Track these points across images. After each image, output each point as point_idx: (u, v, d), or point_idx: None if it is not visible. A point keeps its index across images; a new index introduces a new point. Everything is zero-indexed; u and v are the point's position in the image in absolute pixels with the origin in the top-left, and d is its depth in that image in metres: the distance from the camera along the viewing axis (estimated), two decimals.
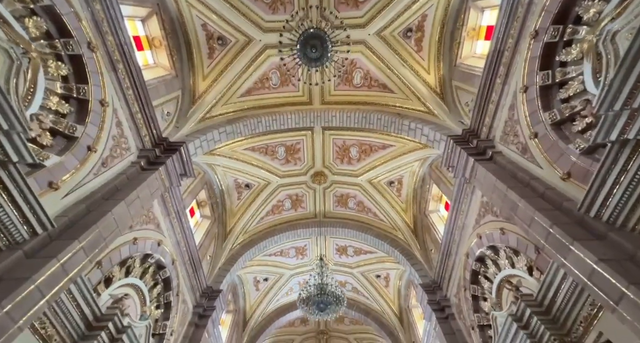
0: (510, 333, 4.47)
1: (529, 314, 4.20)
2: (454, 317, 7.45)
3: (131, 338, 4.49)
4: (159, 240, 6.05)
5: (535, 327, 4.15)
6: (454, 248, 7.23)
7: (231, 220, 10.29)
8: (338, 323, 15.49)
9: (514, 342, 4.45)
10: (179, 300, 6.91)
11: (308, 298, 5.92)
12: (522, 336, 4.28)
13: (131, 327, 4.47)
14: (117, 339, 4.31)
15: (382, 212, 10.63)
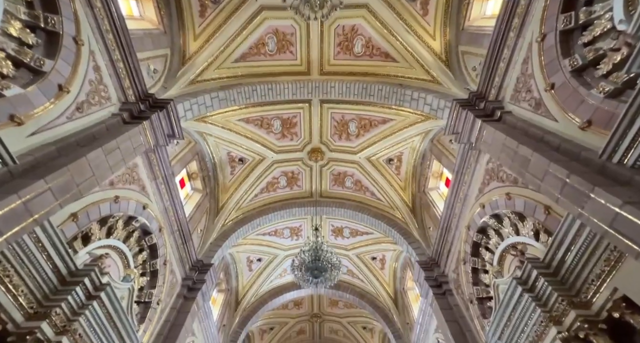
0: (514, 298, 4.22)
1: (535, 276, 3.95)
2: (451, 293, 7.25)
3: (111, 297, 4.17)
4: (144, 204, 5.70)
5: (542, 289, 3.90)
6: (454, 222, 6.98)
7: (224, 195, 9.95)
8: (332, 307, 15.40)
9: (517, 307, 4.21)
10: (167, 270, 6.60)
11: (302, 264, 5.65)
12: (527, 299, 4.04)
13: (111, 286, 4.15)
14: (95, 297, 3.99)
15: (380, 190, 10.35)
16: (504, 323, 4.52)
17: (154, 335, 6.08)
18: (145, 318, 5.80)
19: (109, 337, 4.26)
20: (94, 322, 3.99)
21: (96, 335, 4.07)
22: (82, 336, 3.89)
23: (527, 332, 4.15)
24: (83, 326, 3.86)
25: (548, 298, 3.85)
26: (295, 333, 16.03)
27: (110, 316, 4.25)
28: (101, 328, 4.12)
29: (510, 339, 4.46)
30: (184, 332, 6.61)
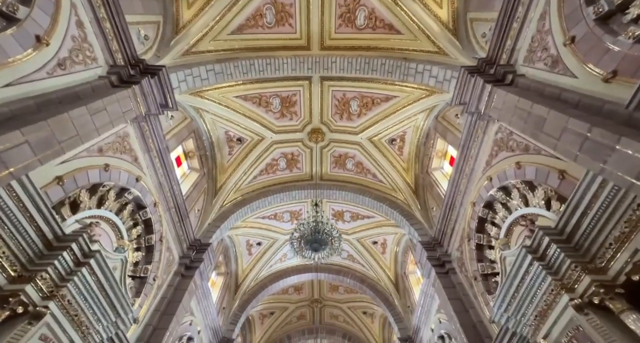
0: (523, 267, 4.03)
1: (547, 243, 3.74)
2: (454, 272, 7.09)
3: (101, 265, 3.99)
4: (137, 176, 5.48)
5: (553, 256, 3.69)
6: (459, 200, 6.76)
7: (222, 176, 9.73)
8: (332, 292, 15.38)
9: (526, 277, 4.02)
10: (163, 247, 6.44)
11: (301, 237, 5.46)
12: (537, 268, 3.83)
13: (101, 253, 3.96)
14: (84, 263, 3.81)
15: (382, 172, 10.11)
16: (510, 295, 4.34)
17: (150, 311, 5.95)
18: (141, 293, 5.66)
19: (101, 306, 4.11)
20: (83, 289, 3.83)
21: (87, 303, 3.91)
22: (72, 303, 3.73)
23: (536, 302, 3.96)
24: (72, 293, 3.70)
25: (560, 265, 3.64)
26: (295, 319, 16.07)
27: (102, 285, 4.09)
28: (92, 297, 3.96)
29: (517, 311, 4.29)
30: (181, 309, 6.49)
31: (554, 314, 3.73)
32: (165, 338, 5.78)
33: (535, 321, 4.05)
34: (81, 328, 3.90)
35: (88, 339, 4.05)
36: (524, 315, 4.21)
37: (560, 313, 3.63)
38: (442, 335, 7.87)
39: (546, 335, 3.89)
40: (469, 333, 5.80)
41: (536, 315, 4.03)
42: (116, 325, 4.47)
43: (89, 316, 3.97)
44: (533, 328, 4.11)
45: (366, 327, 15.08)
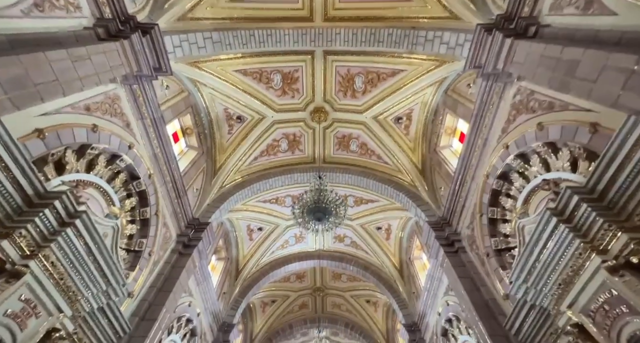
0: (546, 232, 3.68)
1: (576, 203, 3.38)
2: (464, 250, 6.77)
3: (88, 227, 3.69)
4: (130, 143, 5.17)
5: (583, 216, 3.34)
6: (470, 174, 6.40)
7: (221, 156, 9.41)
8: (335, 280, 15.14)
9: (549, 242, 3.68)
10: (159, 222, 6.15)
11: (303, 207, 5.13)
12: (563, 231, 3.49)
13: (87, 214, 3.66)
14: (69, 224, 3.50)
15: (387, 153, 9.75)
16: (530, 264, 4.01)
17: (145, 286, 5.69)
18: (136, 267, 5.39)
19: (90, 273, 3.82)
20: (69, 251, 3.53)
21: (73, 267, 3.62)
22: (57, 266, 3.44)
23: (560, 268, 3.63)
24: (56, 254, 3.40)
25: (590, 226, 3.30)
26: (297, 307, 15.86)
27: (90, 250, 3.79)
28: (79, 261, 3.67)
29: (538, 281, 3.96)
30: (179, 286, 6.22)
31: (581, 280, 3.40)
32: (162, 314, 5.52)
33: (559, 290, 3.72)
34: (68, 293, 3.61)
35: (76, 307, 3.78)
36: (545, 285, 3.88)
37: (589, 278, 3.29)
38: (449, 318, 7.58)
39: (571, 303, 3.56)
40: (481, 311, 5.49)
41: (560, 283, 3.70)
42: (107, 295, 4.19)
43: (77, 282, 3.69)
44: (556, 298, 3.79)
45: (369, 315, 14.86)
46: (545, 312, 4.10)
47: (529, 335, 4.47)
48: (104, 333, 4.37)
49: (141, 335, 5.02)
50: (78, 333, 3.98)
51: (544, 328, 4.20)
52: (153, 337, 5.22)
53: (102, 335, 4.33)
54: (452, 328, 7.59)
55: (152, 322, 5.29)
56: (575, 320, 3.51)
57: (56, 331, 3.51)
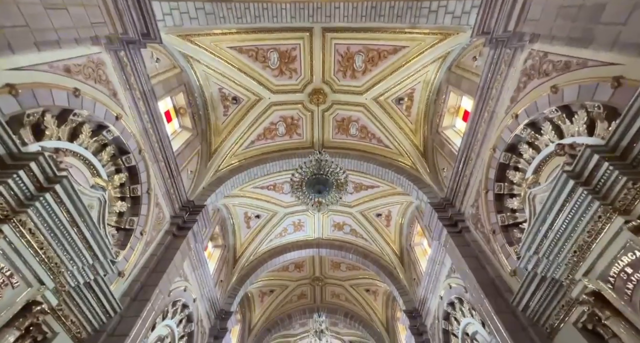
0: (562, 197, 3.46)
1: (597, 162, 3.15)
2: (468, 230, 6.57)
3: (71, 195, 3.41)
4: (117, 113, 4.86)
5: (604, 176, 3.11)
6: (475, 150, 6.17)
7: (217, 138, 9.12)
8: (334, 270, 14.98)
9: (564, 208, 3.45)
10: (151, 201, 5.87)
11: (302, 180, 4.86)
12: (581, 194, 3.26)
13: (69, 180, 3.37)
14: (48, 189, 3.22)
15: (388, 136, 9.50)
16: (542, 234, 3.80)
17: (138, 267, 5.43)
18: (127, 246, 5.12)
19: (74, 244, 3.55)
20: (49, 219, 3.26)
21: (55, 237, 3.35)
22: (35, 234, 3.17)
23: (576, 235, 3.42)
24: (34, 221, 3.13)
25: (612, 186, 3.07)
26: (296, 297, 15.71)
27: (73, 219, 3.52)
28: (61, 231, 3.40)
29: (550, 251, 3.75)
30: (173, 267, 5.97)
31: (600, 244, 3.19)
32: (155, 295, 5.27)
33: (574, 258, 3.51)
34: (49, 265, 3.35)
35: (59, 280, 3.52)
36: (558, 254, 3.67)
37: (609, 241, 3.08)
38: (452, 300, 7.42)
39: (588, 271, 3.36)
40: (487, 289, 5.30)
41: (575, 251, 3.49)
42: (94, 270, 3.93)
43: (59, 253, 3.42)
44: (570, 267, 3.58)
45: (369, 305, 14.74)
46: (556, 283, 3.91)
47: (538, 309, 4.29)
48: (92, 311, 4.12)
49: (133, 315, 4.77)
50: (63, 309, 3.73)
51: (555, 301, 4.01)
52: (146, 318, 4.98)
53: (90, 313, 4.09)
54: (454, 311, 7.44)
55: (144, 302, 5.05)
56: (591, 288, 3.31)
57: (37, 304, 3.25)
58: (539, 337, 4.27)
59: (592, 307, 3.35)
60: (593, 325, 3.51)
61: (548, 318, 4.15)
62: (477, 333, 6.34)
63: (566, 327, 3.90)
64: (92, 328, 4.22)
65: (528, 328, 4.42)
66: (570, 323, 3.80)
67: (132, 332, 4.58)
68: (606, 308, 3.22)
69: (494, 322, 4.84)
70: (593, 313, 3.41)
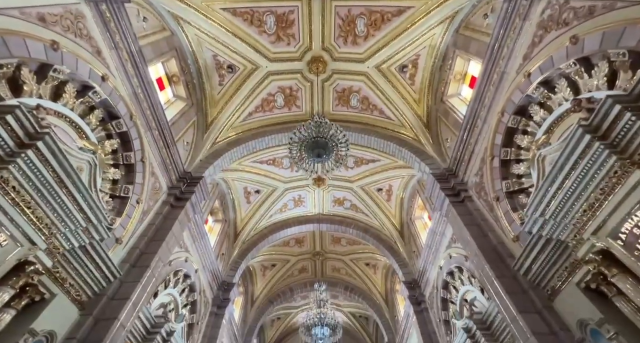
0: (575, 154, 3.26)
1: (618, 113, 2.92)
2: (470, 199, 6.45)
3: (56, 154, 3.23)
4: (103, 74, 4.56)
5: (624, 129, 2.91)
6: (482, 116, 5.91)
7: (213, 109, 8.80)
8: (334, 244, 15.15)
9: (579, 164, 3.27)
10: (146, 170, 5.71)
11: (301, 142, 4.67)
12: (597, 150, 3.07)
13: (52, 136, 3.17)
14: (29, 145, 3.02)
15: (390, 106, 9.16)
16: (551, 194, 3.65)
17: (135, 235, 5.37)
18: (123, 214, 5.03)
19: (64, 206, 3.43)
20: (34, 178, 3.10)
21: (42, 197, 3.22)
22: (20, 192, 3.03)
23: (588, 192, 3.27)
24: (18, 179, 2.97)
25: (632, 138, 2.87)
26: (297, 271, 16.04)
27: (61, 179, 3.36)
28: (49, 191, 3.25)
29: (558, 212, 3.62)
30: (171, 237, 5.93)
31: (613, 201, 3.05)
32: (154, 262, 5.26)
33: (583, 217, 3.39)
34: (39, 225, 3.24)
35: (52, 241, 3.42)
36: (567, 215, 3.54)
37: (624, 196, 2.94)
38: (451, 270, 7.48)
39: (597, 229, 3.24)
40: (488, 255, 5.26)
41: (585, 210, 3.36)
42: (89, 234, 3.84)
43: (49, 214, 3.30)
44: (578, 227, 3.47)
45: (369, 278, 15.06)
46: (562, 245, 3.82)
47: (540, 272, 4.24)
48: (91, 274, 4.08)
49: (133, 281, 4.77)
50: (60, 271, 3.68)
51: (559, 263, 3.94)
52: (146, 284, 4.99)
53: (88, 276, 4.05)
54: (453, 280, 7.52)
55: (144, 269, 5.03)
56: (599, 247, 3.21)
57: (30, 264, 3.17)
58: (539, 298, 4.26)
59: (599, 265, 3.27)
60: (597, 285, 3.46)
61: (550, 280, 4.11)
62: (475, 299, 6.42)
63: (568, 288, 3.86)
64: (92, 292, 4.21)
65: (529, 290, 4.40)
66: (573, 284, 3.75)
67: (133, 296, 4.59)
68: (613, 266, 3.14)
69: (494, 286, 4.83)
70: (598, 272, 3.34)
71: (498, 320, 5.39)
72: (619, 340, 3.08)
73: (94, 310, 4.14)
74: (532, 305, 4.30)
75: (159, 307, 6.32)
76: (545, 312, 4.11)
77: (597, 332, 3.44)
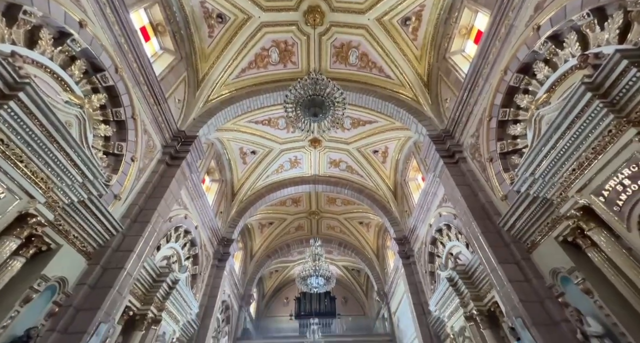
0: (573, 112, 3.24)
1: (624, 68, 2.83)
2: (465, 161, 6.55)
3: (39, 105, 3.10)
4: (80, 19, 4.18)
5: (626, 87, 2.85)
6: (485, 74, 5.70)
7: (204, 64, 8.32)
8: (330, 204, 15.64)
9: (574, 124, 3.26)
10: (138, 127, 5.58)
11: (297, 101, 4.55)
12: (596, 108, 3.04)
13: (32, 87, 3.01)
14: (10, 96, 2.89)
15: (390, 64, 8.73)
16: (543, 154, 3.70)
17: (134, 192, 5.46)
18: (119, 171, 5.04)
19: (56, 160, 3.41)
20: (21, 131, 3.02)
21: (33, 151, 3.18)
22: (9, 145, 2.99)
23: (580, 152, 3.32)
24: (4, 131, 2.90)
25: (633, 96, 2.83)
26: (294, 229, 16.79)
27: (49, 133, 3.29)
28: (38, 144, 3.20)
29: (548, 170, 3.71)
30: (169, 195, 6.05)
31: (602, 160, 3.12)
32: (154, 217, 5.43)
33: (571, 176, 3.49)
34: (35, 179, 3.25)
35: (50, 195, 3.47)
36: (556, 173, 3.64)
37: (614, 155, 3.00)
38: (440, 227, 7.88)
39: (582, 187, 3.36)
40: (476, 213, 5.52)
41: (574, 169, 3.44)
42: (86, 189, 3.88)
43: (42, 168, 3.29)
44: (565, 186, 3.59)
45: (362, 235, 15.88)
46: (546, 202, 4.00)
47: (523, 228, 4.50)
48: (93, 228, 4.23)
49: (135, 235, 4.98)
50: (62, 224, 3.80)
51: (541, 220, 4.16)
52: (148, 238, 5.22)
53: (91, 229, 4.20)
54: (441, 236, 7.98)
55: (145, 224, 5.22)
56: (582, 203, 3.36)
57: (32, 217, 3.26)
58: (519, 251, 4.58)
59: (578, 220, 3.46)
60: (573, 238, 3.70)
61: (531, 235, 4.38)
62: (460, 253, 6.89)
63: (546, 241, 4.13)
64: (96, 244, 4.41)
65: (510, 244, 4.72)
66: (552, 238, 4.01)
67: (137, 248, 4.83)
68: (592, 220, 3.33)
69: (479, 240, 5.15)
70: (577, 227, 3.55)
71: (479, 271, 5.86)
72: (585, 285, 3.41)
73: (100, 260, 4.38)
74: (512, 257, 4.65)
75: (163, 259, 6.70)
76: (523, 262, 4.46)
77: (566, 279, 3.78)
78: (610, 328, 3.17)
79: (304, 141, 11.86)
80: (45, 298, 3.59)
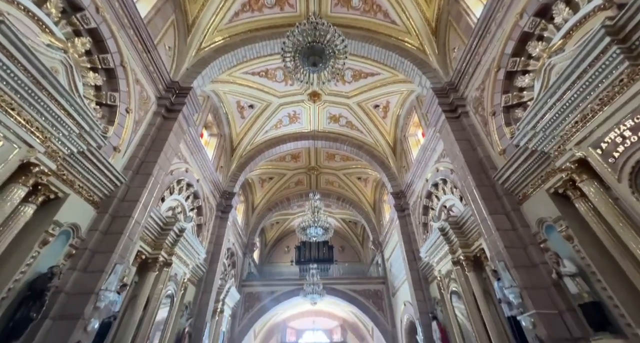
0: (586, 61, 3.07)
1: None
2: (467, 115, 6.42)
3: (17, 45, 2.90)
4: None
5: None
6: (499, 18, 5.25)
7: (192, 6, 7.59)
8: (329, 160, 15.78)
9: (587, 72, 3.12)
10: (129, 76, 5.31)
11: (295, 48, 4.28)
12: (611, 55, 2.87)
13: (8, 26, 2.79)
14: None
15: (396, 6, 7.98)
16: (548, 106, 3.62)
17: (132, 145, 5.46)
18: (114, 122, 4.95)
19: (49, 109, 3.32)
20: (6, 76, 2.88)
21: (23, 98, 3.07)
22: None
23: (585, 104, 3.24)
24: None
25: None
26: (293, 184, 17.21)
27: (36, 80, 3.14)
28: (27, 91, 3.09)
29: (550, 123, 3.67)
30: (169, 147, 6.05)
31: (607, 111, 3.06)
32: (156, 170, 5.52)
33: (573, 129, 3.46)
34: (30, 128, 3.21)
35: (49, 145, 3.47)
36: (558, 126, 3.61)
37: (620, 106, 2.93)
38: (436, 182, 8.08)
39: (581, 140, 3.36)
40: (473, 167, 5.61)
41: (576, 122, 3.40)
42: (84, 140, 3.87)
43: (36, 116, 3.22)
44: (565, 139, 3.59)
45: (359, 190, 16.36)
46: (544, 156, 4.04)
47: (517, 181, 4.63)
48: (96, 178, 4.32)
49: (138, 186, 5.12)
50: (66, 174, 3.87)
51: (536, 173, 4.26)
52: (152, 189, 5.37)
53: (94, 179, 4.30)
54: (437, 190, 8.23)
55: (147, 176, 5.32)
56: (578, 156, 3.40)
57: (35, 166, 3.30)
58: (510, 203, 4.78)
59: (572, 173, 3.54)
60: (564, 190, 3.83)
61: (524, 187, 4.52)
62: (453, 205, 7.19)
63: (538, 193, 4.29)
64: (102, 194, 4.56)
65: (502, 197, 4.90)
66: (544, 190, 4.15)
67: (142, 199, 5.02)
68: (585, 172, 3.40)
69: (473, 193, 5.34)
70: (569, 179, 3.65)
71: (470, 221, 6.19)
72: (567, 232, 3.64)
73: (108, 209, 4.58)
74: (502, 209, 4.87)
75: (168, 209, 6.99)
76: (512, 213, 4.69)
77: (551, 227, 4.02)
78: (583, 269, 3.48)
79: (303, 95, 11.45)
80: (61, 241, 3.84)
